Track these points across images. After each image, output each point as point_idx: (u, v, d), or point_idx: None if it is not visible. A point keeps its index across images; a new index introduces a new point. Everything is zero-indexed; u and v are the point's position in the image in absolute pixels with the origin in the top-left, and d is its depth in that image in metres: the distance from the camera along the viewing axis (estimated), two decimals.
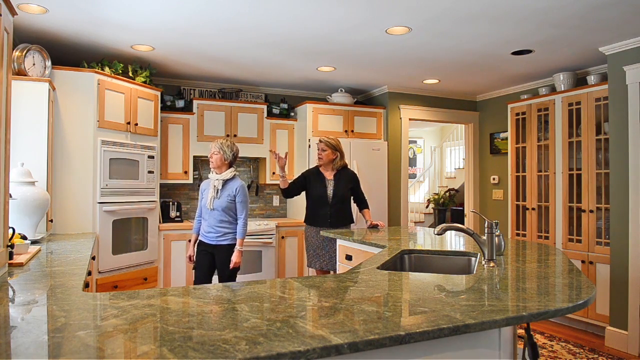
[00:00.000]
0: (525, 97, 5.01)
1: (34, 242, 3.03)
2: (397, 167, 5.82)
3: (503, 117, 5.68)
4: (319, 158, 4.05)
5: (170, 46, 4.13)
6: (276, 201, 5.99)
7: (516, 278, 2.05)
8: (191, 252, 3.70)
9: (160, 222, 4.87)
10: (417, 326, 1.32)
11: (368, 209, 4.17)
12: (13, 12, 2.10)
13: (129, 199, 4.29)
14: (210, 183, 3.57)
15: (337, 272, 3.63)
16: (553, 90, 4.92)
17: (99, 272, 3.93)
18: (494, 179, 5.98)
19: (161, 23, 3.54)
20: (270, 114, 5.59)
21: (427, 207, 9.24)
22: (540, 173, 4.86)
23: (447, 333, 1.33)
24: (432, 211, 8.93)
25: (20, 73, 3.43)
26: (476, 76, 5.15)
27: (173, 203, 5.09)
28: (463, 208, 7.08)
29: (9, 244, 2.20)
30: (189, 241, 3.88)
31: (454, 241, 3.24)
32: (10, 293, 1.76)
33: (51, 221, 3.60)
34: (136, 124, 4.38)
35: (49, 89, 3.47)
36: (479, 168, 6.24)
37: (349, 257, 3.45)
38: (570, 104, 4.51)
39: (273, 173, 5.56)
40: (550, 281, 1.99)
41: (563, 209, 4.57)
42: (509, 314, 1.46)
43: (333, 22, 3.49)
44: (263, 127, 5.50)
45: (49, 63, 3.68)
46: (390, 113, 5.79)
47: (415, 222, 9.32)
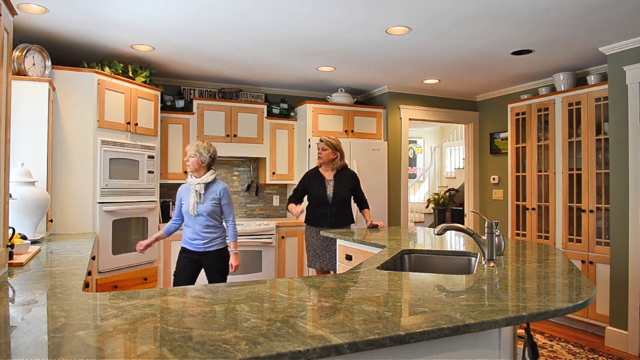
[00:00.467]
0: (525, 97, 5.01)
1: (34, 242, 3.03)
2: (397, 167, 5.81)
3: (503, 117, 5.68)
4: (319, 157, 4.05)
5: (170, 46, 4.13)
6: (276, 201, 5.99)
7: (516, 278, 2.05)
8: (148, 242, 3.45)
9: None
10: (417, 326, 1.32)
11: (368, 209, 4.17)
12: (13, 12, 2.10)
13: (129, 199, 4.28)
14: (190, 188, 3.40)
15: (337, 272, 3.63)
16: (553, 90, 4.91)
17: (99, 272, 3.93)
18: (494, 179, 5.98)
19: (161, 23, 3.54)
20: (270, 114, 5.59)
21: (427, 207, 9.24)
22: (540, 173, 4.86)
23: (447, 333, 1.33)
24: (432, 211, 8.93)
25: (20, 73, 3.43)
26: (476, 76, 5.15)
27: (173, 203, 5.09)
28: (463, 208, 7.08)
29: (9, 244, 2.20)
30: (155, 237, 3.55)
31: (454, 241, 3.24)
32: (10, 293, 1.76)
33: (51, 221, 3.60)
34: (136, 124, 4.38)
35: (49, 89, 3.47)
36: (479, 168, 6.24)
37: (349, 257, 3.45)
38: (570, 104, 4.51)
39: (273, 173, 5.56)
40: (550, 281, 1.99)
41: (563, 209, 4.57)
42: (509, 314, 1.46)
43: (333, 22, 3.49)
44: (263, 127, 5.50)
45: (49, 63, 3.68)
46: (390, 113, 5.79)
47: (415, 222, 9.32)
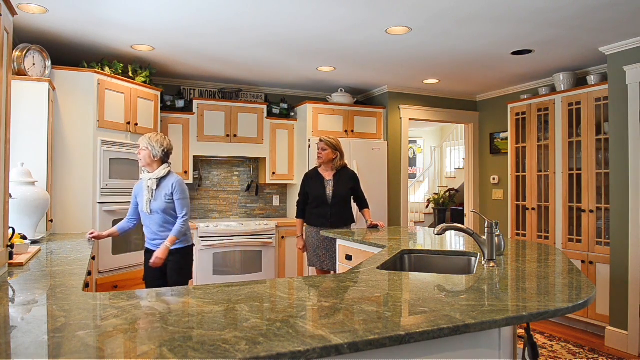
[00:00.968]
0: (525, 97, 5.01)
1: (34, 242, 3.03)
2: (397, 167, 5.81)
3: (503, 117, 5.68)
4: (319, 157, 4.05)
5: (170, 46, 4.13)
6: (276, 201, 5.99)
7: (516, 278, 2.05)
8: (100, 235, 3.31)
9: None
10: (417, 326, 1.32)
11: (368, 209, 4.17)
12: (13, 12, 2.10)
13: (129, 199, 4.28)
14: (143, 184, 3.23)
15: (337, 272, 3.63)
16: (553, 90, 4.91)
17: (99, 272, 3.93)
18: (494, 179, 5.98)
19: (161, 23, 3.54)
20: (270, 114, 5.59)
21: (427, 207, 9.24)
22: (540, 173, 4.86)
23: (447, 333, 1.33)
24: (432, 211, 8.93)
25: (20, 73, 3.43)
26: (476, 76, 5.15)
27: None
28: (463, 208, 7.08)
29: (9, 244, 2.20)
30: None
31: (454, 241, 3.24)
32: (10, 293, 1.76)
33: (51, 221, 3.60)
34: (136, 124, 4.38)
35: (49, 89, 3.47)
36: (479, 168, 6.24)
37: (349, 257, 3.45)
38: (570, 104, 4.51)
39: (273, 173, 5.56)
40: (550, 281, 1.98)
41: (563, 209, 4.57)
42: (509, 314, 1.46)
43: (333, 22, 3.49)
44: (263, 127, 5.50)
45: (49, 63, 3.68)
46: (390, 113, 5.79)
47: (415, 222, 9.32)
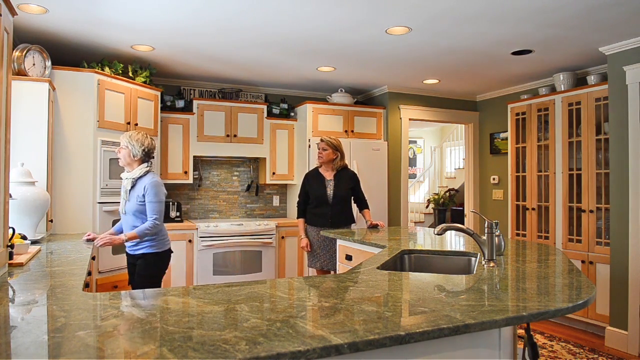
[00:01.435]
0: (525, 97, 5.01)
1: (34, 242, 3.03)
2: (397, 167, 5.81)
3: (503, 117, 5.68)
4: (319, 157, 4.05)
5: (170, 46, 4.13)
6: (276, 201, 5.99)
7: (516, 278, 2.05)
8: (92, 237, 3.21)
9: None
10: (417, 326, 1.32)
11: (368, 209, 4.17)
12: (13, 12, 2.10)
13: None
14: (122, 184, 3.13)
15: (337, 272, 3.63)
16: (553, 90, 4.91)
17: (99, 272, 3.93)
18: (494, 179, 5.98)
19: (161, 23, 3.54)
20: (270, 114, 5.59)
21: (427, 207, 9.24)
22: (540, 173, 4.86)
23: (447, 333, 1.33)
24: (432, 211, 8.93)
25: (20, 73, 3.43)
26: (476, 76, 5.15)
27: (173, 203, 5.09)
28: (463, 208, 7.08)
29: (9, 244, 2.20)
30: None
31: (454, 241, 3.24)
32: (10, 293, 1.76)
33: (51, 221, 3.60)
34: (136, 124, 4.38)
35: (49, 89, 3.47)
36: (479, 168, 6.24)
37: (349, 257, 3.45)
38: (570, 104, 4.51)
39: (273, 173, 5.56)
40: (550, 281, 1.98)
41: (563, 209, 4.56)
42: (509, 314, 1.46)
43: (333, 22, 3.49)
44: (263, 127, 5.50)
45: (49, 63, 3.68)
46: (390, 113, 5.79)
47: (415, 222, 9.32)
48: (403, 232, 3.79)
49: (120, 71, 4.33)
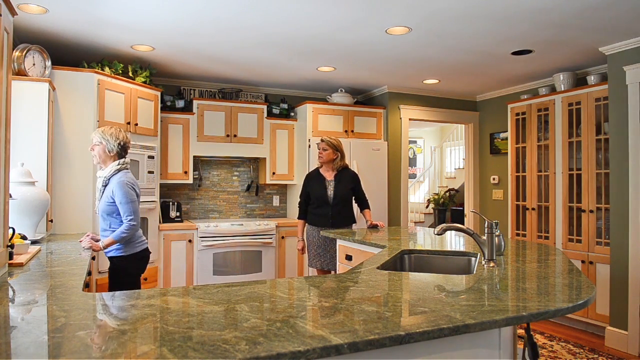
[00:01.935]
0: (525, 97, 5.01)
1: (34, 242, 3.03)
2: (397, 167, 5.81)
3: (503, 117, 5.68)
4: (320, 157, 4.05)
5: (170, 46, 4.13)
6: (276, 201, 5.99)
7: (516, 278, 2.05)
8: (91, 237, 3.05)
9: (160, 222, 4.87)
10: (417, 326, 1.32)
11: (369, 209, 4.17)
12: (13, 12, 2.10)
13: None
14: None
15: (337, 272, 3.63)
16: (553, 90, 4.91)
17: (99, 272, 3.93)
18: (494, 179, 5.98)
19: (161, 23, 3.54)
20: (270, 114, 5.59)
21: (427, 207, 9.24)
22: (540, 173, 4.86)
23: (447, 333, 1.33)
24: (432, 211, 8.93)
25: (20, 73, 3.43)
26: (476, 76, 5.15)
27: (173, 203, 5.09)
28: (463, 208, 7.08)
29: (9, 244, 2.20)
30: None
31: (454, 241, 3.24)
32: (10, 293, 1.76)
33: (51, 221, 3.60)
34: (136, 124, 4.38)
35: (49, 89, 3.47)
36: (479, 168, 6.24)
37: (349, 257, 3.45)
38: (570, 104, 4.51)
39: (273, 173, 5.56)
40: (550, 281, 1.98)
41: (563, 209, 4.56)
42: (509, 314, 1.46)
43: (333, 22, 3.49)
44: (263, 127, 5.50)
45: (49, 63, 3.68)
46: (390, 113, 5.79)
47: (415, 222, 9.32)
48: (403, 232, 3.79)
49: (120, 71, 4.33)
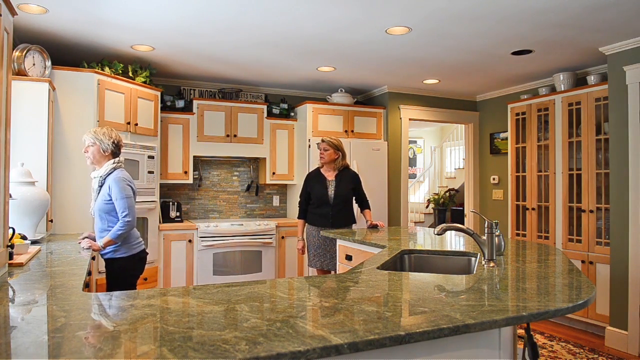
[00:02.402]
0: (525, 97, 5.01)
1: (34, 242, 3.03)
2: (397, 167, 5.81)
3: (503, 117, 5.68)
4: (321, 157, 4.05)
5: (170, 46, 4.13)
6: (276, 201, 5.99)
7: (516, 278, 2.05)
8: (85, 244, 2.91)
9: (160, 222, 4.87)
10: (417, 326, 1.32)
11: (369, 210, 4.17)
12: (13, 12, 2.10)
13: None
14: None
15: (337, 272, 3.63)
16: (553, 90, 4.91)
17: (99, 272, 3.92)
18: (494, 179, 5.98)
19: (161, 23, 3.54)
20: (270, 114, 5.59)
21: (427, 207, 9.24)
22: (540, 173, 4.86)
23: (447, 333, 1.33)
24: (432, 211, 8.93)
25: (20, 73, 3.43)
26: (476, 76, 5.15)
27: (173, 203, 5.09)
28: (463, 208, 7.08)
29: (9, 244, 2.20)
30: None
31: (454, 241, 3.24)
32: (10, 293, 1.76)
33: (51, 221, 3.60)
34: (136, 124, 4.38)
35: (49, 89, 3.47)
36: (479, 168, 6.24)
37: (349, 257, 3.45)
38: (570, 104, 4.51)
39: (273, 173, 5.56)
40: (550, 281, 1.98)
41: (563, 209, 4.56)
42: (509, 314, 1.46)
43: (332, 22, 3.49)
44: (263, 127, 5.50)
45: (49, 63, 3.68)
46: (390, 113, 5.79)
47: (415, 222, 9.32)
48: (403, 232, 3.79)
49: (120, 71, 4.33)
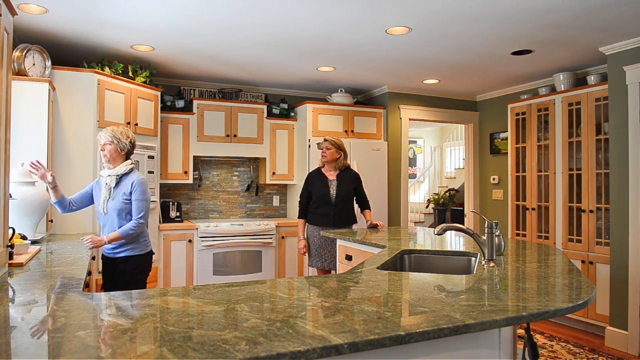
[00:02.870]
0: (525, 97, 5.01)
1: (34, 242, 3.03)
2: (397, 167, 5.81)
3: (503, 117, 5.68)
4: (323, 157, 4.05)
5: (170, 46, 4.13)
6: (276, 201, 5.99)
7: (516, 278, 2.05)
8: (89, 244, 2.82)
9: (160, 223, 4.87)
10: (417, 326, 1.32)
11: (369, 210, 4.17)
12: (13, 12, 2.10)
13: None
14: (101, 181, 2.95)
15: (337, 272, 3.63)
16: (553, 90, 4.91)
17: (99, 272, 3.92)
18: (494, 179, 5.98)
19: (161, 23, 3.54)
20: (270, 114, 5.59)
21: (427, 207, 9.24)
22: (540, 173, 4.86)
23: (447, 333, 1.33)
24: (432, 211, 8.93)
25: (20, 73, 3.43)
26: (476, 76, 5.15)
27: (173, 203, 5.09)
28: (463, 208, 7.08)
29: (9, 244, 2.20)
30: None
31: (454, 241, 3.24)
32: (10, 293, 1.76)
33: (51, 221, 3.60)
34: (136, 124, 4.38)
35: (49, 89, 3.47)
36: (479, 168, 6.24)
37: (349, 257, 3.45)
38: (570, 104, 4.51)
39: (273, 173, 5.56)
40: (550, 281, 1.98)
41: (563, 209, 4.56)
42: (509, 314, 1.46)
43: (332, 22, 3.49)
44: (263, 127, 5.50)
45: (49, 63, 3.68)
46: (390, 113, 5.79)
47: (415, 222, 9.32)
48: (403, 232, 3.79)
49: (120, 71, 4.33)
